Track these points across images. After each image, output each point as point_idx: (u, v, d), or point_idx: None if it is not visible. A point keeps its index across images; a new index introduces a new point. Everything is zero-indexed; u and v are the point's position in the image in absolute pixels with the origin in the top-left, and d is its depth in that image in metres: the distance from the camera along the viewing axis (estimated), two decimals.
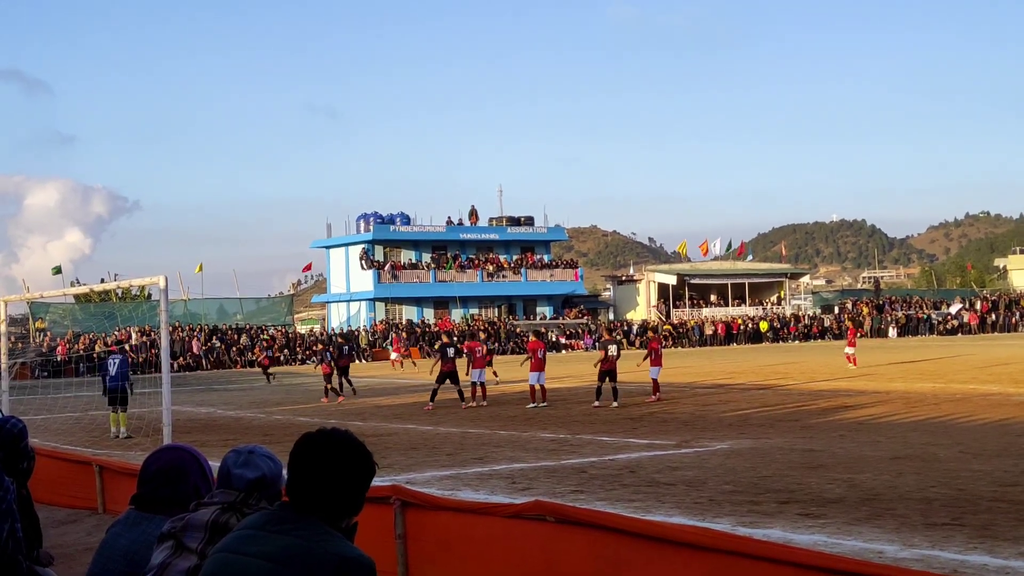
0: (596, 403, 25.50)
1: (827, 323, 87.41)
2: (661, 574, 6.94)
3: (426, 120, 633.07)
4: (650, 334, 30.57)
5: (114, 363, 22.88)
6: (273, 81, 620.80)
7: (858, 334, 42.12)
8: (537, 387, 26.07)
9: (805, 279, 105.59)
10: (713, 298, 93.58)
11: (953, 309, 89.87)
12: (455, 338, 38.02)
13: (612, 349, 26.08)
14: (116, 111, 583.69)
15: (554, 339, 76.95)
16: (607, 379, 25.80)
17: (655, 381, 27.33)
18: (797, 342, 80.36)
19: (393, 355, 56.54)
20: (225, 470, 4.11)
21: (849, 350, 40.78)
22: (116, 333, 62.36)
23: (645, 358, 28.05)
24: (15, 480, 6.35)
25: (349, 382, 33.50)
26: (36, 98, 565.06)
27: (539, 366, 26.32)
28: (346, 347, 39.59)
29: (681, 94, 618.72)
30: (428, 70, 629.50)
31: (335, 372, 32.59)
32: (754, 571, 6.45)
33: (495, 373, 37.70)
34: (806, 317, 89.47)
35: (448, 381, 26.96)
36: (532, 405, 25.57)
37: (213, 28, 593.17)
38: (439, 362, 27.56)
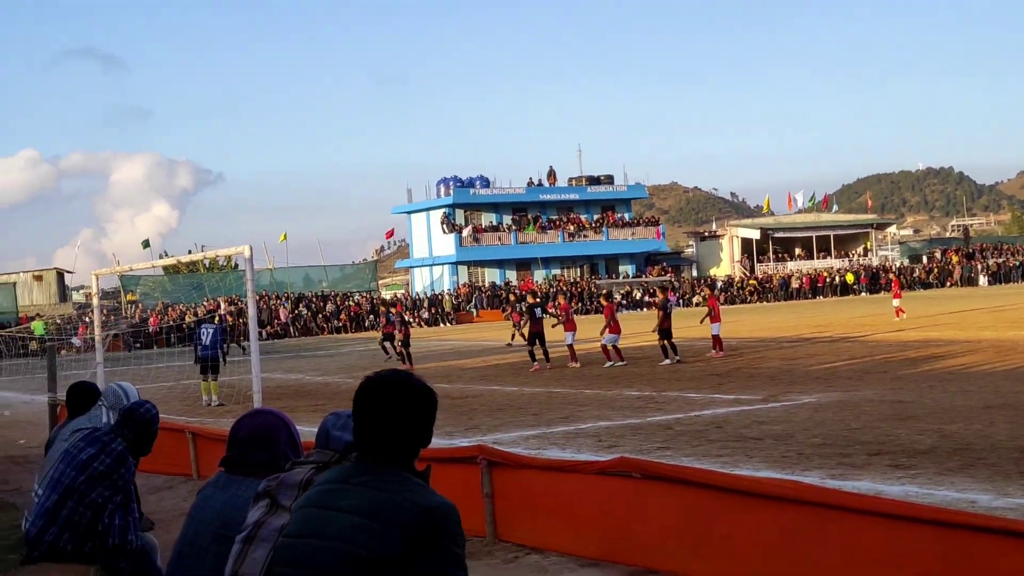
0: (667, 361, 25.52)
1: (916, 273, 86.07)
2: (747, 528, 6.92)
3: (503, 83, 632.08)
4: (706, 291, 30.52)
5: (207, 332, 23.24)
6: (346, 51, 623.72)
7: (897, 285, 43.55)
8: (610, 347, 26.10)
9: (892, 229, 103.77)
10: (798, 251, 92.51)
11: None
12: (540, 298, 37.87)
13: (670, 307, 26.43)
14: (192, 85, 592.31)
15: (638, 297, 76.67)
16: (536, 342, 26.43)
17: (715, 337, 27.26)
18: (885, 293, 79.19)
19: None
20: (324, 431, 4.18)
21: (895, 302, 41.66)
22: (205, 303, 63.45)
23: (706, 316, 28.04)
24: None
25: (385, 349, 33.97)
26: (112, 74, 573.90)
27: (617, 328, 26.37)
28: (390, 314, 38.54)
29: (761, 45, 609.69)
30: (502, 33, 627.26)
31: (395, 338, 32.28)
32: (843, 523, 6.41)
33: (514, 336, 38.75)
34: (893, 268, 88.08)
35: (537, 342, 26.83)
36: (609, 364, 25.62)
37: (281, 3, 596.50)
38: (527, 323, 27.61)
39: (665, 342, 25.89)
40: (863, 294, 79.38)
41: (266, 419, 4.59)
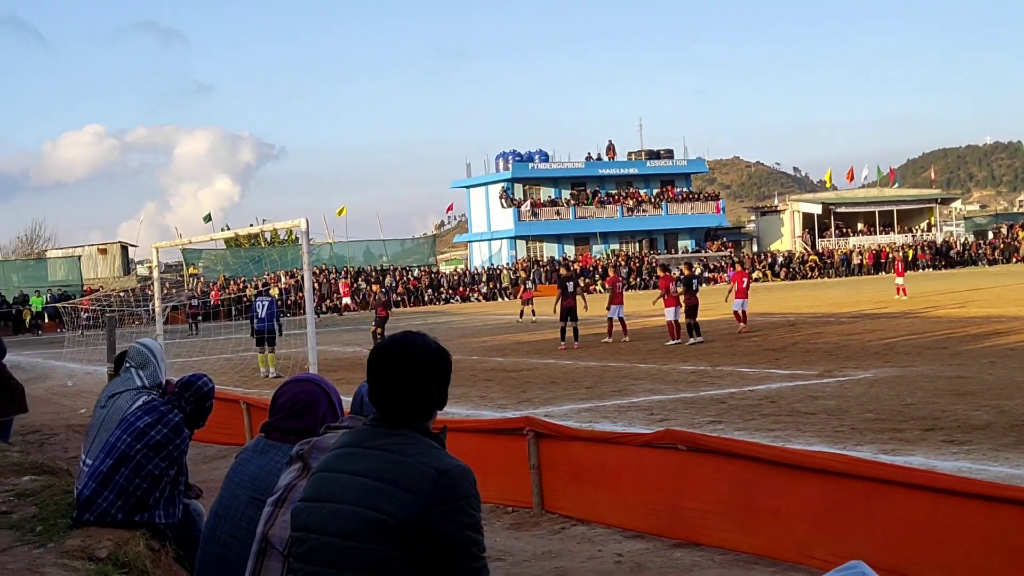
0: (690, 341, 24.75)
1: (981, 248, 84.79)
2: (794, 501, 6.88)
3: (563, 57, 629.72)
4: (738, 267, 30.13)
5: (263, 305, 23.47)
6: (404, 23, 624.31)
7: (901, 264, 45.06)
8: (673, 323, 25.67)
9: (957, 204, 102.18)
10: (860, 226, 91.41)
11: None
12: (573, 271, 37.48)
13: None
14: (253, 59, 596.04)
15: (698, 272, 76.21)
16: (567, 318, 25.96)
17: (736, 313, 27.11)
18: (951, 269, 78.10)
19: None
20: (359, 398, 4.20)
21: (899, 280, 41.92)
22: (265, 277, 64.02)
23: (731, 291, 27.81)
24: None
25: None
26: (172, 48, 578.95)
27: (673, 302, 25.80)
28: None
29: (823, 16, 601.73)
30: (562, 5, 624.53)
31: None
32: (891, 497, 6.35)
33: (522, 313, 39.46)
34: (958, 243, 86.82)
35: (568, 319, 26.13)
36: (672, 342, 25.14)
37: None
38: (559, 298, 26.61)
39: (690, 321, 25.23)
40: (928, 270, 78.33)
41: (306, 387, 4.62)
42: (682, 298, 25.79)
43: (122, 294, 50.94)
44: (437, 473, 3.41)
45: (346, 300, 63.47)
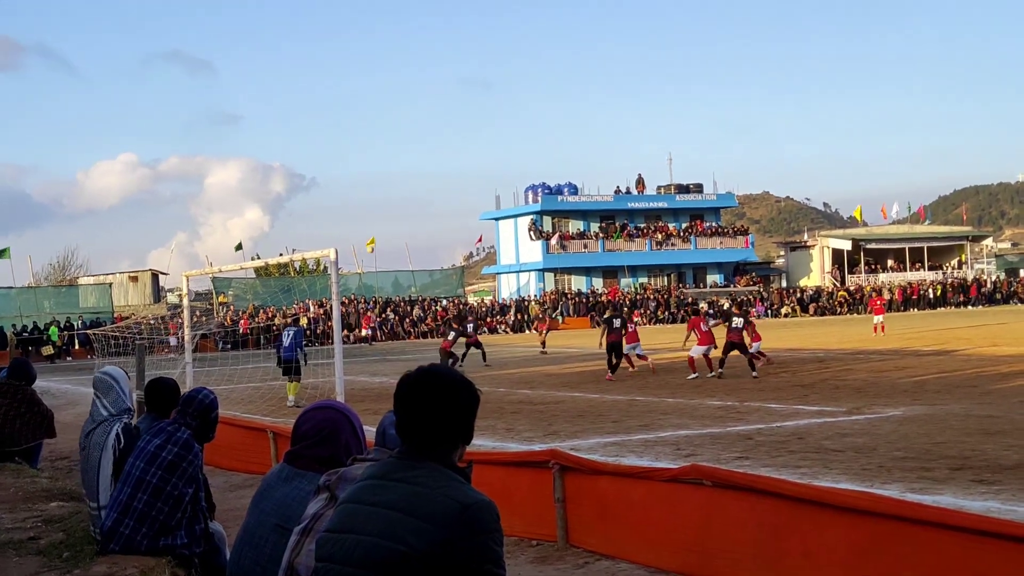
0: (710, 374, 25.32)
1: (1013, 287, 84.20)
2: (822, 539, 6.81)
3: (593, 90, 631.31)
4: (737, 310, 30.25)
5: (288, 335, 23.68)
6: (430, 55, 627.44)
7: (882, 302, 46.66)
8: (698, 358, 25.87)
9: (988, 242, 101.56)
10: (890, 263, 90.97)
11: None
12: (621, 308, 38.26)
13: (737, 322, 26.18)
14: (281, 90, 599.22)
15: (725, 307, 76.02)
16: (612, 353, 26.60)
17: (691, 359, 26.37)
18: (981, 307, 77.56)
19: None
20: (382, 430, 4.21)
21: (878, 318, 42.70)
22: (295, 306, 64.24)
23: (687, 336, 27.63)
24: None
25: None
26: (199, 78, 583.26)
27: (707, 340, 26.05)
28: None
29: (853, 50, 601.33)
30: (592, 38, 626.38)
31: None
32: (919, 536, 6.27)
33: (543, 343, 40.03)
34: (988, 281, 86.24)
35: (613, 354, 26.83)
36: (694, 376, 25.29)
37: (364, 4, 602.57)
38: (604, 333, 27.55)
39: (723, 355, 25.68)
40: (959, 307, 77.84)
41: (329, 414, 4.63)
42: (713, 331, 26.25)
43: (152, 321, 51.22)
44: (461, 507, 3.41)
45: (366, 331, 63.63)
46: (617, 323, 27.33)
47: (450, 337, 33.01)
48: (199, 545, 6.52)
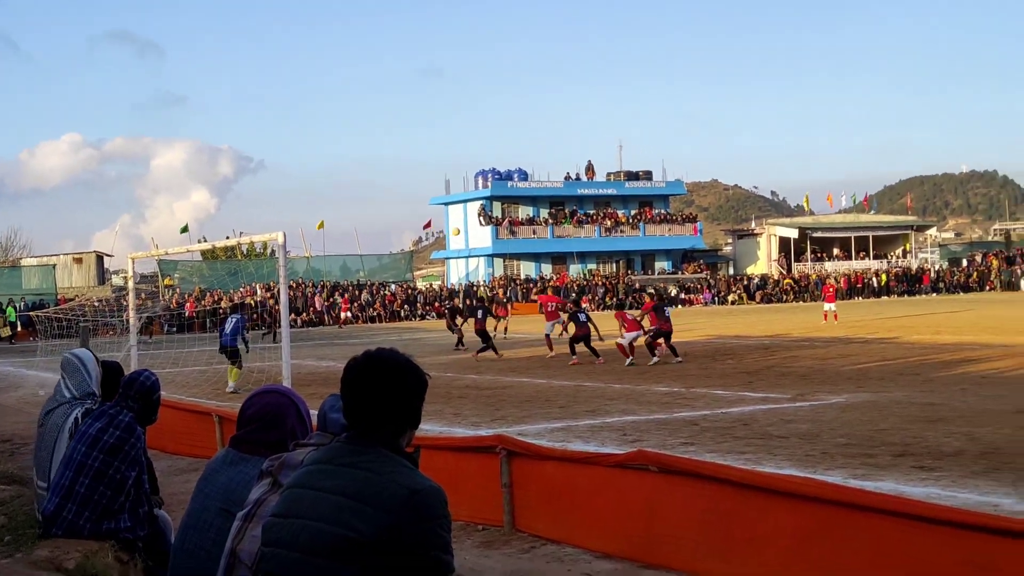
0: (654, 360, 25.17)
1: (956, 276, 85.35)
2: (766, 524, 6.87)
3: (544, 77, 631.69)
4: (646, 297, 30.55)
5: (231, 322, 23.92)
6: (381, 39, 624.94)
7: (834, 290, 47.07)
8: (625, 346, 25.83)
9: (932, 232, 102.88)
10: (836, 252, 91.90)
11: None
12: (583, 304, 38.89)
13: (667, 310, 26.36)
14: (230, 73, 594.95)
15: (673, 294, 76.49)
16: (663, 339, 25.69)
17: (619, 345, 26.31)
18: (924, 296, 78.55)
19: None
20: (322, 414, 4.19)
21: (829, 306, 43.05)
22: (241, 290, 63.81)
23: (621, 325, 27.19)
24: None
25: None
26: (147, 59, 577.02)
27: (633, 327, 26.19)
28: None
29: (803, 42, 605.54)
30: (542, 27, 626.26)
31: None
32: (861, 522, 6.35)
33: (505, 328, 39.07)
34: (932, 271, 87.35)
35: (582, 343, 26.48)
36: (630, 361, 25.29)
37: None
38: (572, 325, 27.27)
39: (657, 342, 25.58)
40: (903, 296, 78.79)
41: (275, 398, 4.60)
42: (646, 322, 26.35)
43: (96, 303, 50.66)
44: (408, 492, 3.40)
45: (346, 314, 63.53)
46: (583, 317, 27.12)
47: (479, 315, 32.11)
48: (143, 528, 6.46)
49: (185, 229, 78.99)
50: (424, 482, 3.47)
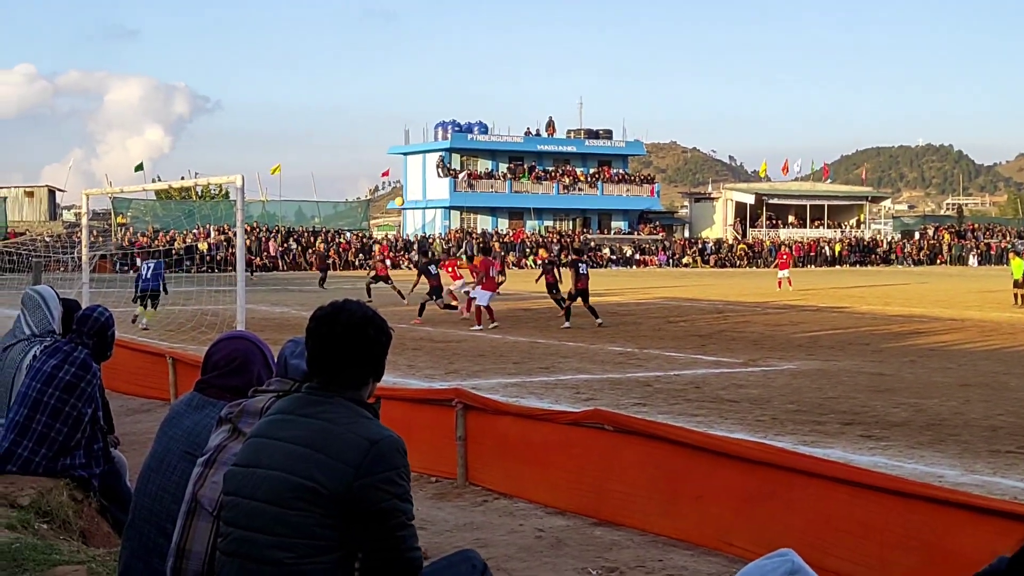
0: (567, 324, 24.23)
1: (907, 248, 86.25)
2: (716, 486, 6.98)
3: (508, 31, 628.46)
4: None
5: (148, 267, 25.12)
6: None
7: (789, 258, 47.13)
8: (484, 308, 24.35)
9: (886, 203, 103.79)
10: (791, 219, 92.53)
11: None
12: (584, 250, 38.69)
13: (582, 268, 24.99)
14: (182, 6, 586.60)
15: (628, 254, 76.83)
16: (580, 299, 24.68)
17: (478, 306, 24.74)
18: (876, 267, 79.36)
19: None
20: (283, 360, 4.20)
21: (782, 272, 43.19)
22: (195, 231, 63.31)
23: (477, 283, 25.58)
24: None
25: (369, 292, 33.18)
26: None
27: (490, 286, 24.85)
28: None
29: (768, 9, 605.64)
30: None
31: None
32: (809, 487, 6.47)
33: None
34: (884, 242, 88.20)
35: (580, 299, 24.79)
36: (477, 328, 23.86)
37: None
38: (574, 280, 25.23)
39: (582, 304, 24.64)
40: (855, 266, 79.55)
41: (241, 344, 4.61)
42: (562, 281, 26.51)
43: (48, 239, 50.10)
44: (368, 443, 3.46)
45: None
46: (582, 268, 25.27)
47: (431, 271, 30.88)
48: (98, 465, 6.47)
49: (140, 167, 78.04)
50: (384, 432, 3.53)
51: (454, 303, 28.49)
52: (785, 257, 46.10)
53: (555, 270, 27.46)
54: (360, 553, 3.50)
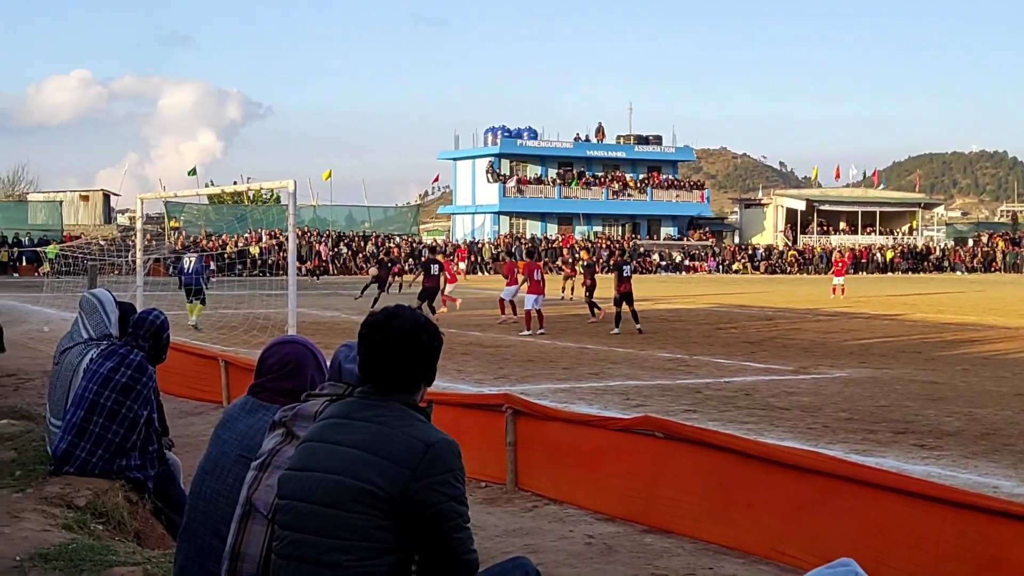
0: (616, 330, 23.97)
1: (960, 255, 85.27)
2: (767, 494, 6.95)
3: (556, 35, 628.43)
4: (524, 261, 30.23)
5: (190, 261, 25.84)
6: None
7: (844, 265, 46.28)
8: (534, 312, 24.40)
9: (939, 210, 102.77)
10: (843, 225, 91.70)
11: None
12: (629, 253, 39.02)
13: (626, 271, 24.90)
14: (240, 14, 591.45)
15: (678, 260, 76.55)
16: (624, 303, 24.47)
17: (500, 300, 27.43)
18: (928, 274, 78.49)
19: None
20: (336, 364, 4.23)
21: (838, 280, 42.56)
22: (247, 235, 63.78)
23: (523, 282, 25.90)
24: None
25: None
26: None
27: (536, 289, 24.76)
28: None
29: (820, 13, 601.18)
30: None
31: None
32: (862, 497, 6.42)
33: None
34: (937, 249, 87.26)
35: (624, 303, 24.60)
36: (527, 332, 23.91)
37: None
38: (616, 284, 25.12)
39: (626, 307, 24.47)
40: (908, 273, 78.76)
41: (295, 348, 4.64)
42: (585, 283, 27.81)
43: (103, 243, 50.68)
44: (424, 446, 3.49)
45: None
46: (626, 271, 25.15)
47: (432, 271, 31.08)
48: (152, 466, 6.54)
49: (193, 172, 78.77)
50: (438, 435, 3.56)
51: (443, 308, 29.55)
52: (841, 264, 45.57)
53: (594, 273, 28.05)
54: (416, 555, 3.52)
